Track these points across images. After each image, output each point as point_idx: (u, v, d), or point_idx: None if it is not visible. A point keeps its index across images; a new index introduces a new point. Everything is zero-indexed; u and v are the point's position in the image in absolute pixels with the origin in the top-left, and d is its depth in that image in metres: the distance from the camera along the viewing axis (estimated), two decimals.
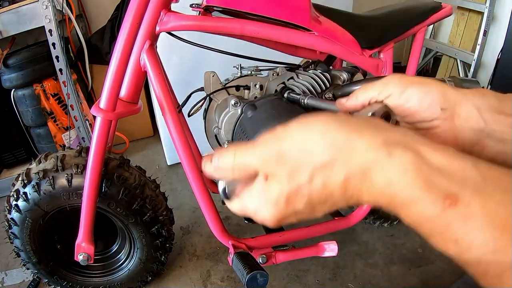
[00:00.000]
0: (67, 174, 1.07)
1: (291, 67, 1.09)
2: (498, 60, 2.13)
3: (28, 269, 1.27)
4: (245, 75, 1.06)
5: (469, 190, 0.28)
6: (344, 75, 1.06)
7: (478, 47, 2.27)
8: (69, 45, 1.99)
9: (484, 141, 0.43)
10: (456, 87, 0.46)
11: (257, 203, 0.37)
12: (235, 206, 0.40)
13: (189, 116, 1.11)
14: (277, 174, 0.35)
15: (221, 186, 0.40)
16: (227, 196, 0.40)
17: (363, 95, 0.48)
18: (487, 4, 2.16)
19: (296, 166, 0.34)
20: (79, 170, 1.07)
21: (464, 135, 0.43)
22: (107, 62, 0.92)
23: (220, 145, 1.09)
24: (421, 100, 0.44)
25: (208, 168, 0.39)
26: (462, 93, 0.44)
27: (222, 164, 0.38)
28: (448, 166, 0.30)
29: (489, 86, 2.19)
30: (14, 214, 1.12)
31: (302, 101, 0.91)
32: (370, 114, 0.45)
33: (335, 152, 0.33)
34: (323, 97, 1.02)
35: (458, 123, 0.44)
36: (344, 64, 1.33)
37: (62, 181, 1.07)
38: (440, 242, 0.30)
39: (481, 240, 0.27)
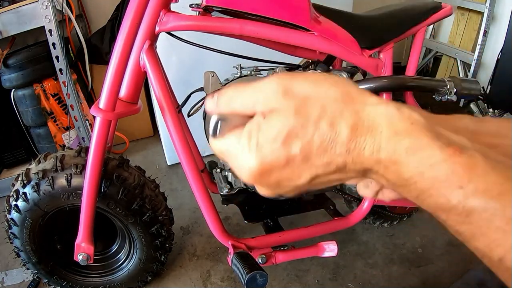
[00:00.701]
0: (66, 174, 1.07)
1: (291, 67, 1.09)
2: (498, 60, 2.13)
3: (28, 269, 1.27)
4: (245, 75, 1.06)
5: (471, 148, 0.30)
6: (344, 75, 1.06)
7: (478, 47, 2.27)
8: (69, 45, 1.99)
9: None
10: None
11: (244, 146, 0.33)
12: (218, 144, 0.36)
13: (188, 116, 1.11)
14: (281, 108, 0.32)
15: (213, 120, 0.36)
16: (215, 132, 0.36)
17: None
18: (487, 4, 2.16)
19: (306, 100, 0.32)
20: (78, 170, 1.07)
21: None
22: (107, 62, 0.92)
23: None
24: None
25: (209, 104, 0.37)
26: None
27: (222, 97, 0.36)
28: (450, 135, 0.31)
29: (489, 86, 2.19)
30: (14, 214, 1.12)
31: None
32: None
33: (348, 100, 0.32)
34: None
35: None
36: (344, 64, 1.33)
37: (61, 181, 1.07)
38: (442, 190, 0.29)
39: (484, 186, 0.28)
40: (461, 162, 0.29)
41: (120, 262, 1.34)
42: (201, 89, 1.06)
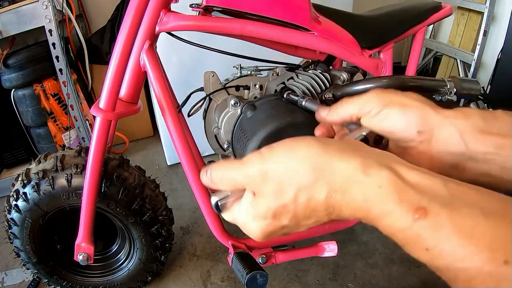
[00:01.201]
0: (66, 174, 1.07)
1: (291, 67, 1.09)
2: (498, 60, 2.13)
3: (28, 269, 1.27)
4: (245, 75, 1.06)
5: (438, 204, 0.31)
6: (344, 75, 1.06)
7: (478, 47, 2.27)
8: (69, 45, 1.99)
9: (465, 164, 0.43)
10: (438, 108, 0.45)
11: (245, 217, 0.39)
12: (227, 217, 0.42)
13: (188, 116, 1.11)
14: (263, 192, 0.37)
15: (213, 200, 0.41)
16: (219, 209, 0.42)
17: (343, 110, 0.49)
18: (487, 4, 2.16)
19: (281, 185, 0.36)
20: (78, 170, 1.07)
21: (441, 158, 0.44)
22: (107, 62, 0.92)
23: (220, 145, 1.09)
24: (397, 121, 0.44)
25: (204, 179, 0.42)
26: (444, 116, 0.43)
27: (214, 176, 0.40)
28: (420, 182, 0.33)
29: (489, 86, 2.19)
30: (14, 214, 1.12)
31: (300, 102, 0.91)
32: (360, 137, 0.46)
33: (318, 174, 0.35)
34: (323, 97, 1.02)
35: (435, 147, 0.44)
36: (344, 64, 1.33)
37: (61, 181, 1.07)
38: (413, 251, 0.32)
39: (449, 248, 0.29)
40: (426, 225, 0.30)
41: (120, 262, 1.34)
42: (201, 89, 1.06)
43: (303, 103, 0.90)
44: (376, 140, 0.48)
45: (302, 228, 0.39)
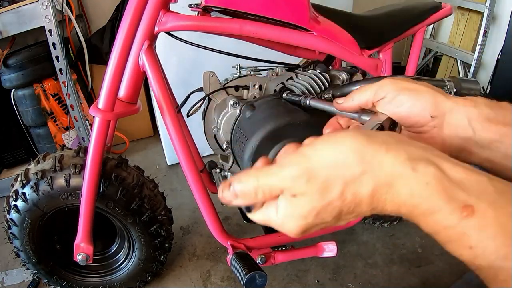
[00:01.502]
0: (65, 174, 1.07)
1: (290, 67, 1.09)
2: (498, 60, 2.13)
3: (28, 269, 1.27)
4: (244, 75, 1.06)
5: (485, 202, 0.31)
6: (343, 75, 1.06)
7: (478, 47, 2.26)
8: (69, 45, 1.99)
9: (472, 149, 0.45)
10: (449, 95, 0.47)
11: (283, 217, 0.38)
12: (258, 217, 0.41)
13: (188, 116, 1.11)
14: (307, 192, 0.36)
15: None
16: (249, 209, 0.40)
17: (358, 96, 0.49)
18: (487, 4, 2.16)
19: (328, 182, 0.35)
20: (77, 170, 1.07)
21: (451, 142, 0.45)
22: (107, 62, 0.92)
23: (219, 145, 1.09)
24: (412, 107, 0.46)
25: (227, 195, 0.39)
26: (454, 102, 0.45)
27: (244, 189, 0.38)
28: (466, 180, 0.33)
29: (489, 86, 2.19)
30: (13, 215, 1.12)
31: (303, 102, 0.90)
32: (376, 126, 0.47)
33: (365, 166, 0.35)
34: (322, 97, 1.02)
35: (446, 131, 0.45)
36: (344, 64, 1.33)
37: (60, 181, 1.07)
38: (455, 249, 0.33)
39: (493, 247, 0.30)
40: (472, 224, 0.31)
41: (120, 262, 1.34)
42: (201, 89, 1.06)
43: (307, 101, 0.88)
44: (390, 128, 0.49)
45: (341, 223, 0.39)
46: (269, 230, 1.19)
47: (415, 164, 0.33)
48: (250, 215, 0.41)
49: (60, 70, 1.82)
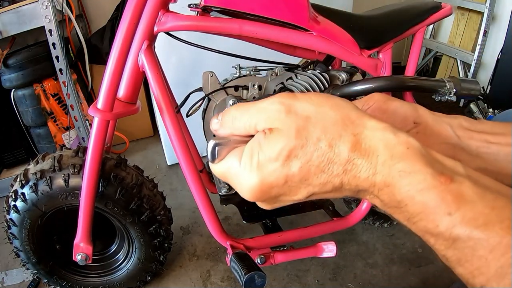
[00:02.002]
0: (64, 174, 1.07)
1: (290, 67, 1.09)
2: (498, 60, 2.13)
3: (27, 269, 1.27)
4: (244, 75, 1.06)
5: (464, 175, 0.31)
6: (343, 75, 1.06)
7: (478, 47, 2.27)
8: (69, 45, 1.99)
9: (460, 157, 0.45)
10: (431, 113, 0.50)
11: (245, 162, 0.35)
12: (218, 167, 0.38)
13: (187, 116, 1.11)
14: (284, 128, 0.33)
15: (210, 144, 0.37)
16: (214, 156, 0.37)
17: None
18: (487, 4, 2.16)
19: (307, 121, 0.33)
20: (76, 170, 1.07)
21: (437, 149, 0.44)
22: (107, 62, 0.92)
23: None
24: (396, 112, 0.46)
25: (214, 124, 0.38)
26: (435, 114, 0.47)
27: (225, 120, 0.37)
28: (444, 159, 0.33)
29: (489, 86, 2.19)
30: (13, 215, 1.12)
31: None
32: None
33: (347, 123, 0.33)
34: None
35: (431, 138, 0.46)
36: (343, 64, 1.33)
37: (59, 181, 1.07)
38: (431, 218, 0.31)
39: (472, 215, 0.29)
40: (451, 190, 0.30)
41: (119, 262, 1.34)
42: (200, 89, 1.06)
43: None
44: None
45: (303, 191, 0.35)
46: (268, 230, 1.19)
47: (398, 132, 0.33)
48: (211, 165, 0.38)
49: (60, 70, 1.82)
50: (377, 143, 0.33)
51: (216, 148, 0.36)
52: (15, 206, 1.10)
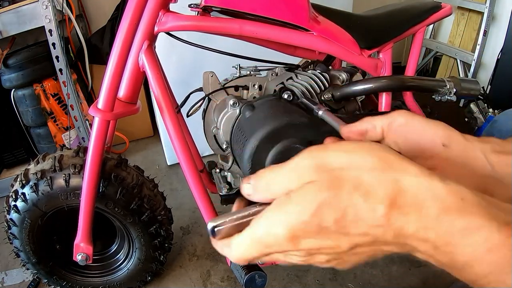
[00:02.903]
0: (64, 174, 1.07)
1: (290, 67, 1.09)
2: (498, 60, 2.13)
3: (28, 269, 1.27)
4: (244, 75, 1.06)
5: None
6: (343, 76, 1.06)
7: (478, 47, 2.27)
8: (69, 45, 1.99)
9: (493, 189, 0.40)
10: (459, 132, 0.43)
11: (272, 218, 0.32)
12: (217, 244, 0.38)
13: (187, 116, 1.11)
14: (315, 180, 0.31)
15: (209, 225, 0.37)
16: (214, 234, 0.37)
17: (369, 124, 0.45)
18: (487, 4, 2.16)
19: (340, 172, 0.31)
20: (76, 170, 1.07)
21: (467, 181, 0.39)
22: (107, 62, 0.92)
23: (219, 145, 1.08)
24: (423, 130, 0.42)
25: (246, 189, 0.36)
26: (465, 137, 0.41)
27: (259, 184, 0.35)
28: (495, 201, 0.30)
29: (489, 86, 2.19)
30: (13, 215, 1.12)
31: (316, 111, 0.83)
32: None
33: (385, 165, 0.31)
34: (322, 98, 1.02)
35: (463, 169, 0.40)
36: (344, 64, 1.33)
37: (60, 181, 1.07)
38: (503, 277, 0.28)
39: None
40: None
41: (120, 262, 1.34)
42: (200, 89, 1.06)
43: (320, 112, 0.81)
44: None
45: (344, 242, 0.31)
46: None
47: (447, 179, 0.29)
48: (213, 242, 0.38)
49: (60, 70, 1.82)
50: (424, 193, 0.29)
51: (215, 229, 0.37)
52: (15, 206, 1.10)
